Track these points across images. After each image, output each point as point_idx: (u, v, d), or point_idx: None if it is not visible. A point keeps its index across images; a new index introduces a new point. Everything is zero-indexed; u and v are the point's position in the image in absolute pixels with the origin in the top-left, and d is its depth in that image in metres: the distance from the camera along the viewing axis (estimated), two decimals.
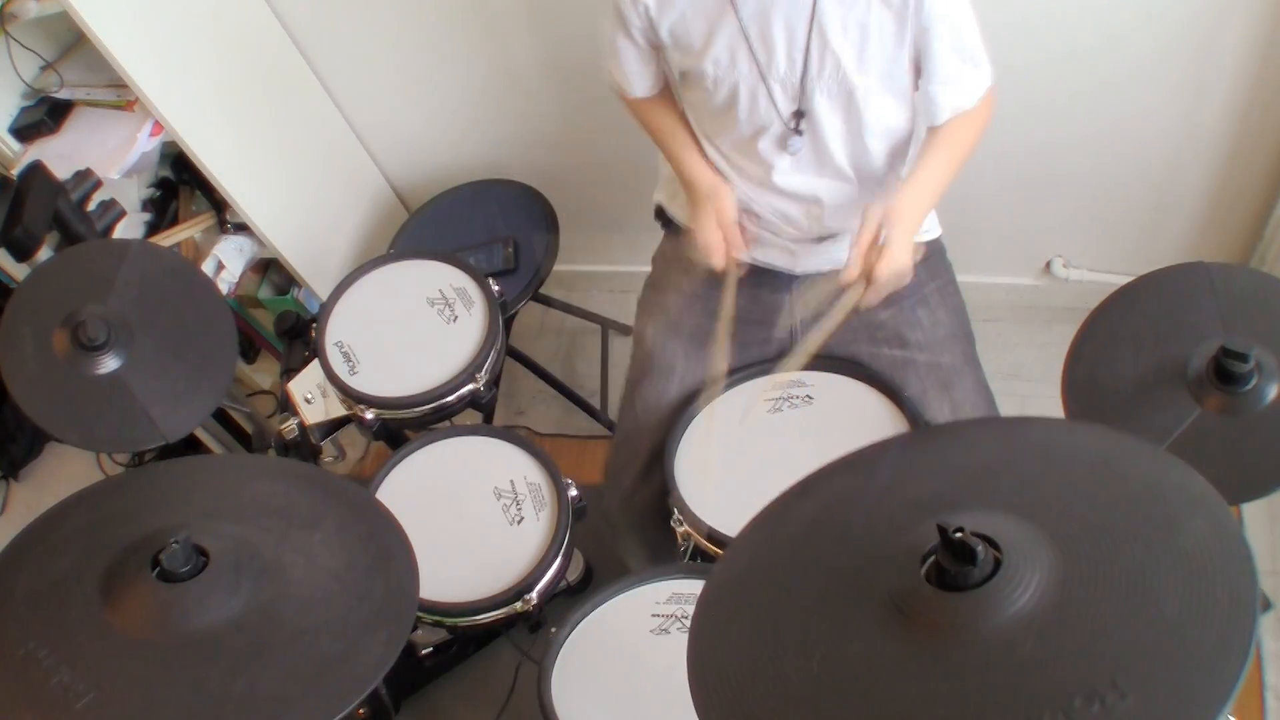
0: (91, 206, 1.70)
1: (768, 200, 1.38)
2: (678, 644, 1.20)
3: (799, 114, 1.27)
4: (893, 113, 1.29)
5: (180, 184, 2.10)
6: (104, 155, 1.83)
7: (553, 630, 1.27)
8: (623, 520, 1.51)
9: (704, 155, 1.40)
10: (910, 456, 0.89)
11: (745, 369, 1.46)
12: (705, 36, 1.24)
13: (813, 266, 1.44)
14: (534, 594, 1.39)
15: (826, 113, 1.26)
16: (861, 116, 1.27)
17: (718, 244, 1.35)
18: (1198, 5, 1.57)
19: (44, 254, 1.61)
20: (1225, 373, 1.03)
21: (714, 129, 1.37)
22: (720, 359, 1.41)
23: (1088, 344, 1.18)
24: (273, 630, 0.90)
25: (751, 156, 1.34)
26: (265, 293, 2.24)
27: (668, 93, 1.43)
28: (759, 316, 1.48)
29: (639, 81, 1.39)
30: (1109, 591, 0.65)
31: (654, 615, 1.27)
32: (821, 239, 1.42)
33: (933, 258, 1.48)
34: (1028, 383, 2.08)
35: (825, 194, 1.35)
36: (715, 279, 1.49)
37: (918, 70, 1.25)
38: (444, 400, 1.56)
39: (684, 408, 1.43)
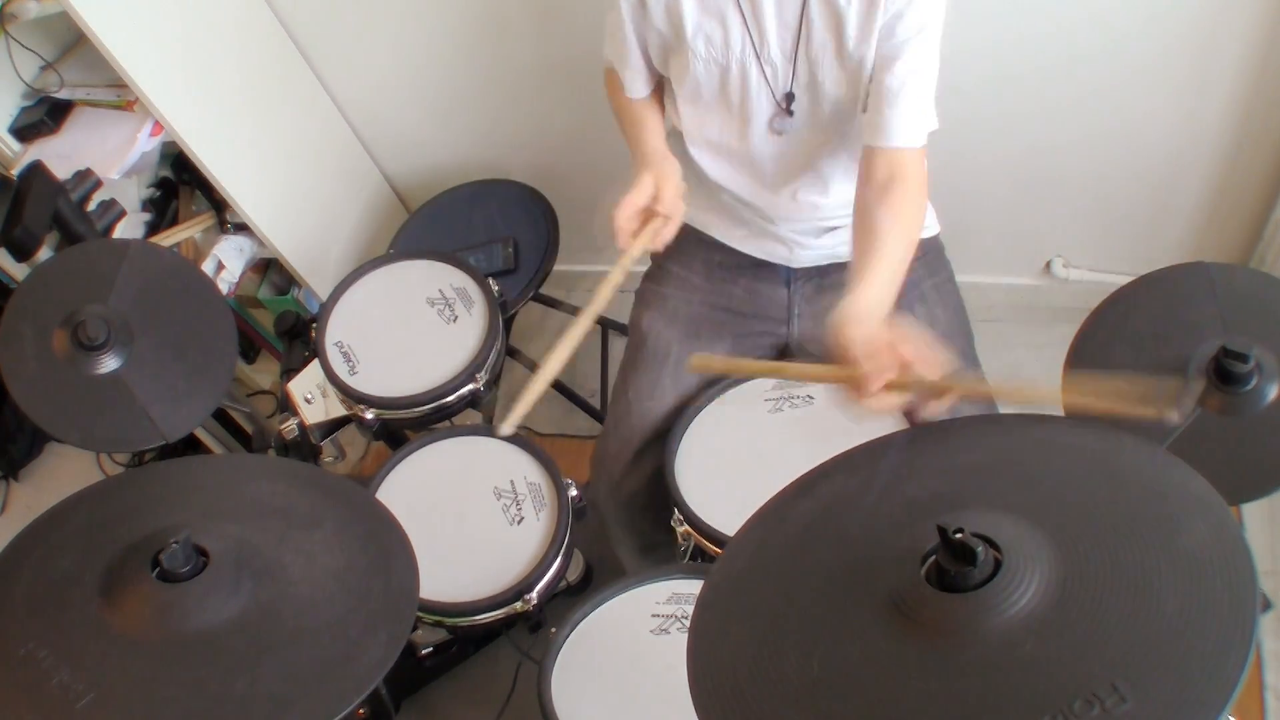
0: (91, 206, 1.70)
1: (761, 192, 1.38)
2: (678, 644, 1.20)
3: (790, 95, 1.26)
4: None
5: (180, 184, 2.10)
6: (104, 155, 1.83)
7: (553, 630, 1.27)
8: (610, 509, 1.51)
9: (666, 140, 1.34)
10: (910, 456, 0.89)
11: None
12: (700, 9, 1.23)
13: (810, 260, 1.44)
14: (534, 594, 1.39)
15: (814, 98, 1.26)
16: (848, 102, 1.26)
17: (630, 215, 1.21)
18: (1198, 7, 1.57)
19: (44, 254, 1.61)
20: (1225, 373, 1.03)
21: (703, 122, 1.35)
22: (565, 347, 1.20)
23: (1088, 344, 1.18)
24: (273, 630, 0.90)
25: (741, 146, 1.34)
26: (265, 293, 2.24)
27: (654, 99, 1.41)
28: (758, 309, 1.48)
29: (633, 84, 1.38)
30: (1109, 591, 0.65)
31: (654, 615, 1.27)
32: (820, 231, 1.42)
33: (931, 254, 1.48)
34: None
35: (819, 181, 1.35)
36: (718, 272, 1.49)
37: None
38: (444, 400, 1.56)
39: (677, 399, 1.42)
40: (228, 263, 2.05)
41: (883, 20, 1.16)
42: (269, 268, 2.25)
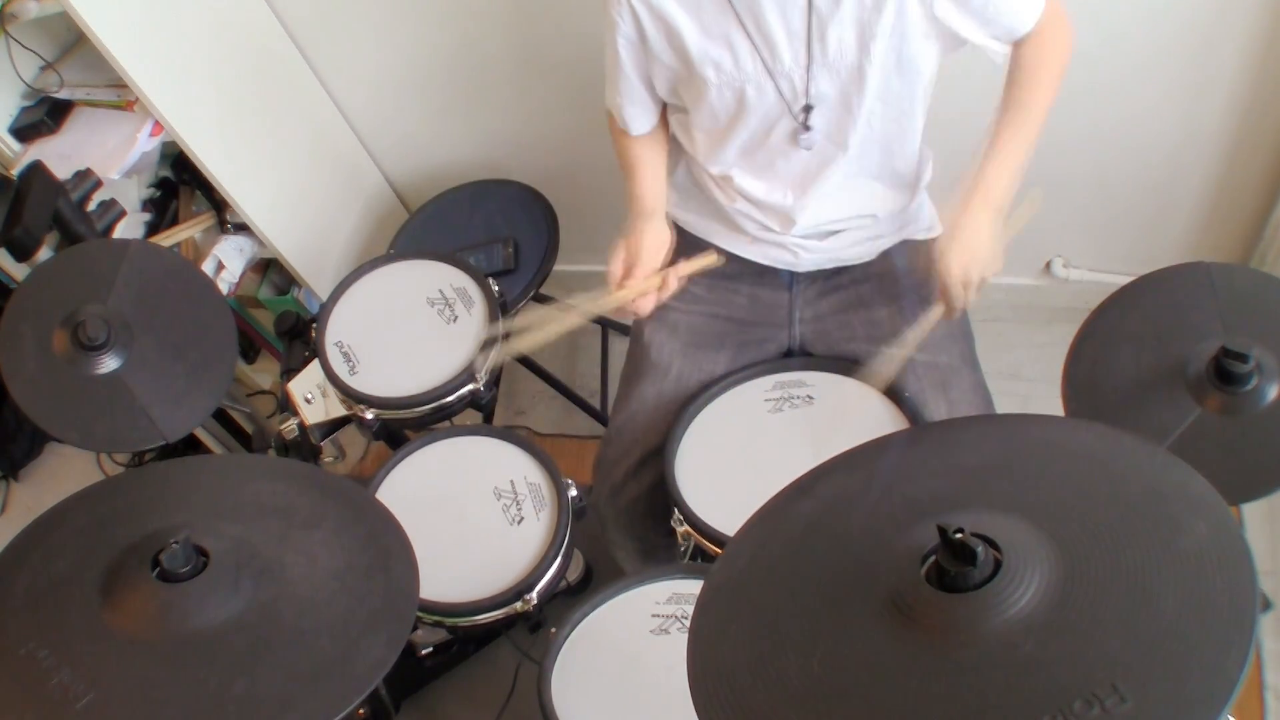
0: (91, 206, 1.70)
1: (773, 199, 1.38)
2: (678, 644, 1.20)
3: (808, 108, 1.26)
4: (901, 94, 1.26)
5: (180, 184, 2.10)
6: (104, 155, 1.83)
7: (553, 630, 1.27)
8: (610, 515, 1.51)
9: (664, 181, 1.42)
10: (910, 456, 0.89)
11: (746, 369, 1.46)
12: (704, 37, 1.23)
13: (814, 264, 1.44)
14: (534, 594, 1.39)
15: (834, 104, 1.25)
16: (869, 104, 1.25)
17: (617, 274, 1.35)
18: (1198, 5, 1.57)
19: (44, 254, 1.61)
20: (1225, 373, 1.03)
21: (724, 143, 1.34)
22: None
23: (1088, 344, 1.18)
24: (273, 630, 0.90)
25: (762, 157, 1.34)
26: (265, 293, 2.24)
27: (655, 134, 1.44)
28: (759, 316, 1.48)
29: (635, 120, 1.40)
30: (1109, 592, 0.65)
31: (654, 615, 1.27)
32: (825, 235, 1.42)
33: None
34: (1028, 383, 2.08)
35: (838, 183, 1.35)
36: (720, 281, 1.50)
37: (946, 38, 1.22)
38: (444, 400, 1.56)
39: (680, 407, 1.43)
40: (228, 263, 2.05)
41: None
42: (269, 268, 2.25)
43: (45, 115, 1.89)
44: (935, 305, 1.30)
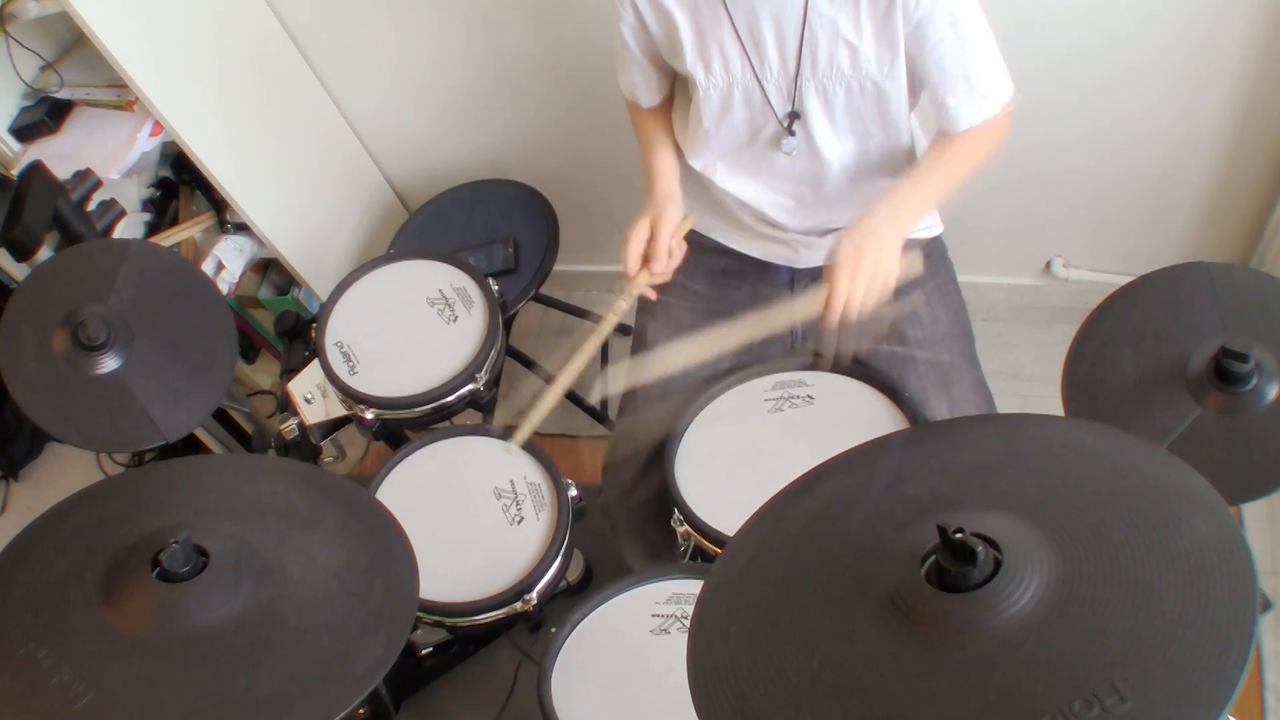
0: (91, 206, 1.70)
1: (765, 197, 1.38)
2: (678, 644, 1.20)
3: (794, 114, 1.27)
4: (892, 108, 1.28)
5: (180, 184, 2.10)
6: (104, 155, 1.83)
7: (553, 630, 1.27)
8: (620, 516, 1.52)
9: (680, 166, 1.41)
10: (910, 455, 0.89)
11: (745, 369, 1.45)
12: (698, 39, 1.24)
13: (813, 261, 1.45)
14: (534, 594, 1.39)
15: (819, 113, 1.26)
16: (856, 116, 1.26)
17: (635, 255, 1.33)
18: (1198, 5, 1.57)
19: (44, 254, 1.61)
20: (1225, 373, 1.03)
21: (710, 139, 1.35)
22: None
23: (1088, 344, 1.18)
24: (273, 630, 0.90)
25: (746, 157, 1.34)
26: (265, 293, 2.24)
27: (666, 107, 1.44)
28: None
29: (643, 94, 1.40)
30: (1109, 591, 0.65)
31: (654, 615, 1.27)
32: (823, 233, 1.42)
33: (933, 255, 1.48)
34: (1028, 383, 2.08)
35: (821, 189, 1.35)
36: (720, 279, 1.50)
37: (917, 79, 1.25)
38: (444, 400, 1.56)
39: (683, 406, 1.43)
40: (228, 263, 2.05)
41: (905, 35, 1.17)
42: (269, 268, 2.25)
43: (45, 115, 1.89)
44: (819, 295, 1.23)
